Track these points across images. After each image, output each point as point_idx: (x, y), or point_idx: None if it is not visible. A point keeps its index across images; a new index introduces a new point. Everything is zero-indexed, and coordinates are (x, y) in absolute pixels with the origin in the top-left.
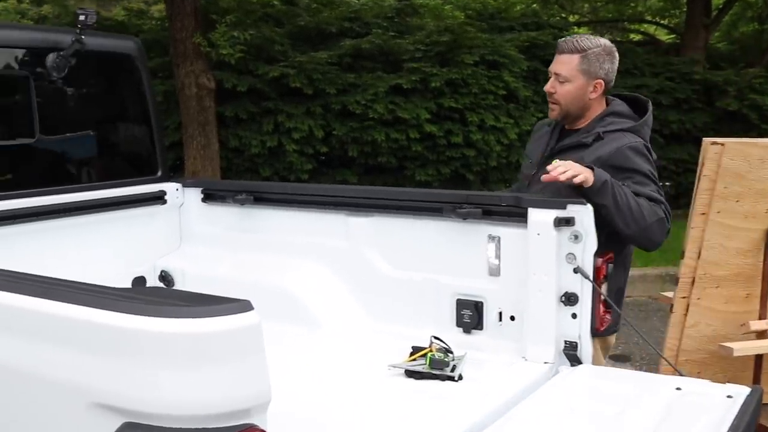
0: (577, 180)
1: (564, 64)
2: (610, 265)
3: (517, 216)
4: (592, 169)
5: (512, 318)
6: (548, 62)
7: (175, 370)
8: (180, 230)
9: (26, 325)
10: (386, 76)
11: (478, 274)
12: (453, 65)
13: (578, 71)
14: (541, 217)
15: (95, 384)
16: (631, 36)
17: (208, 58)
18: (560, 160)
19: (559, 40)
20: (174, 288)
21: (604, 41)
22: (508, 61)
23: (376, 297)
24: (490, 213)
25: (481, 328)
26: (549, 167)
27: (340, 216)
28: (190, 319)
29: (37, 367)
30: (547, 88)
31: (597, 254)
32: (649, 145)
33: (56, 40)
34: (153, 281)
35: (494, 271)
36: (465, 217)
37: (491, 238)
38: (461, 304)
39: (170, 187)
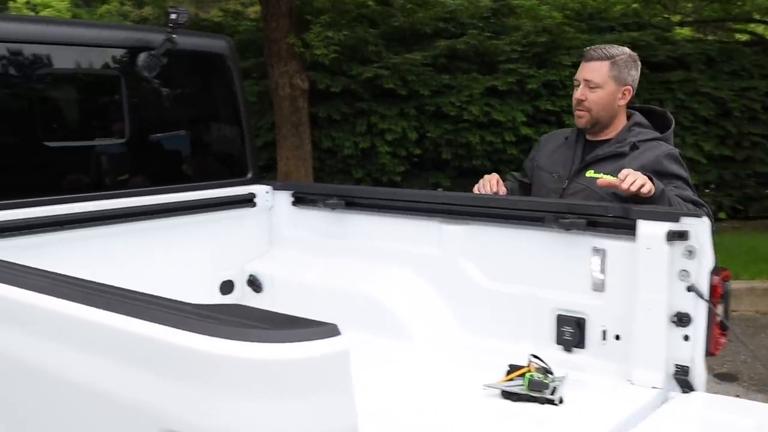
0: (644, 190)
1: (595, 71)
2: (727, 284)
3: (625, 228)
4: (650, 178)
5: (617, 337)
6: (650, 64)
7: (251, 399)
8: (270, 234)
9: (97, 341)
10: (481, 77)
11: (581, 289)
12: (550, 66)
13: (609, 77)
14: (651, 230)
15: (168, 409)
16: (738, 36)
17: (302, 58)
18: (595, 171)
19: (585, 48)
20: (262, 292)
21: (628, 49)
22: None
23: (471, 310)
24: (595, 224)
25: (583, 347)
26: (620, 175)
27: (434, 223)
28: (271, 344)
29: (107, 385)
30: (578, 96)
31: (713, 271)
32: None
33: (147, 40)
34: (241, 285)
35: (598, 287)
36: (568, 227)
37: (596, 250)
38: (562, 321)
39: (260, 190)
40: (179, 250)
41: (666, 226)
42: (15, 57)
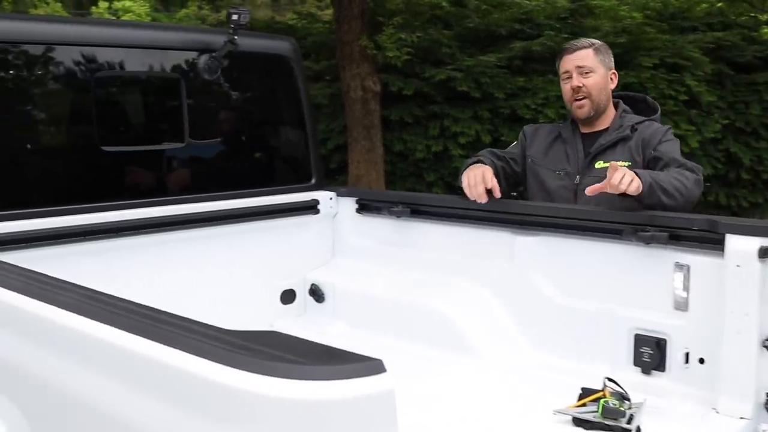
0: (632, 188)
1: (584, 58)
2: None
3: (712, 242)
4: (636, 173)
5: (701, 361)
6: (736, 65)
7: None
8: (333, 242)
9: (115, 363)
10: (558, 79)
11: (662, 308)
12: (630, 68)
13: (598, 62)
14: (742, 246)
15: None
16: None
17: (374, 60)
18: (604, 161)
19: (563, 48)
20: (324, 302)
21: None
22: (690, 63)
23: (542, 327)
24: (678, 237)
25: (663, 370)
26: (609, 171)
27: (505, 234)
28: (304, 381)
29: (117, 408)
30: (574, 84)
31: None
32: None
33: (208, 41)
34: (303, 295)
35: (681, 305)
36: (648, 241)
37: (679, 266)
38: (640, 341)
39: (324, 196)
40: (239, 257)
41: (758, 242)
42: (73, 59)
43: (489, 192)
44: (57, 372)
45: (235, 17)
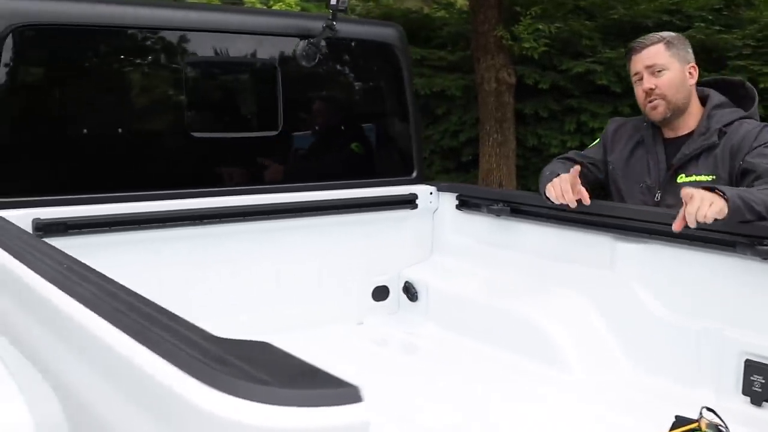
0: (718, 215)
1: (653, 56)
2: None
3: None
4: (720, 192)
5: None
6: None
7: None
8: (432, 239)
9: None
10: (706, 74)
11: None
12: None
13: (671, 57)
14: None
15: None
16: None
17: (509, 52)
18: (686, 174)
19: (630, 45)
20: (417, 301)
21: (670, 32)
22: None
23: (642, 343)
24: None
25: None
26: (687, 215)
27: (607, 239)
28: (261, 405)
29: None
30: (645, 86)
31: None
32: None
33: (307, 27)
34: (396, 292)
35: None
36: (766, 256)
37: None
38: (751, 368)
39: (423, 191)
40: (331, 251)
41: None
42: (167, 44)
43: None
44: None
45: (333, 2)
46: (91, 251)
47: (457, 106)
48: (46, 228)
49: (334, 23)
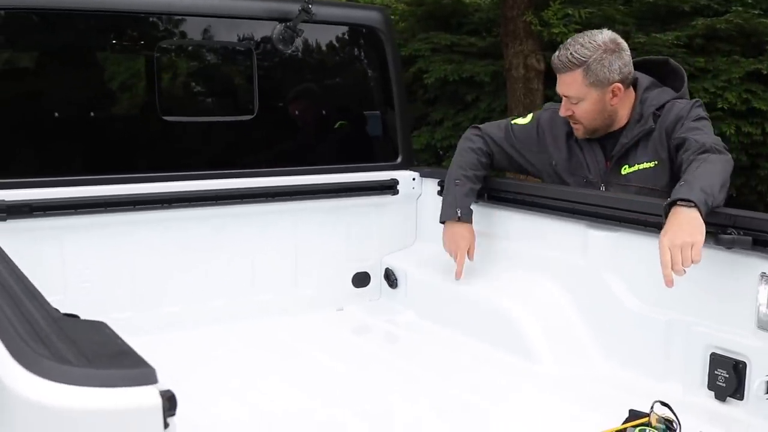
0: (695, 256)
1: (569, 85)
2: None
3: None
4: (684, 201)
5: None
6: None
7: None
8: (416, 225)
9: None
10: (744, 60)
11: (743, 325)
12: None
13: (587, 86)
14: None
15: None
16: None
17: (539, 37)
18: (629, 164)
19: (555, 53)
20: (397, 288)
21: (602, 38)
22: None
23: (611, 333)
24: (765, 244)
25: (741, 398)
26: (665, 271)
27: (580, 227)
28: (52, 383)
29: None
30: (562, 113)
31: None
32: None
33: (284, 11)
34: (378, 279)
35: (765, 325)
36: (729, 245)
37: (765, 278)
38: (716, 362)
39: (405, 176)
40: (310, 236)
41: None
42: (142, 28)
43: None
44: None
45: None
46: (56, 234)
47: (486, 92)
48: (10, 210)
49: (310, 6)
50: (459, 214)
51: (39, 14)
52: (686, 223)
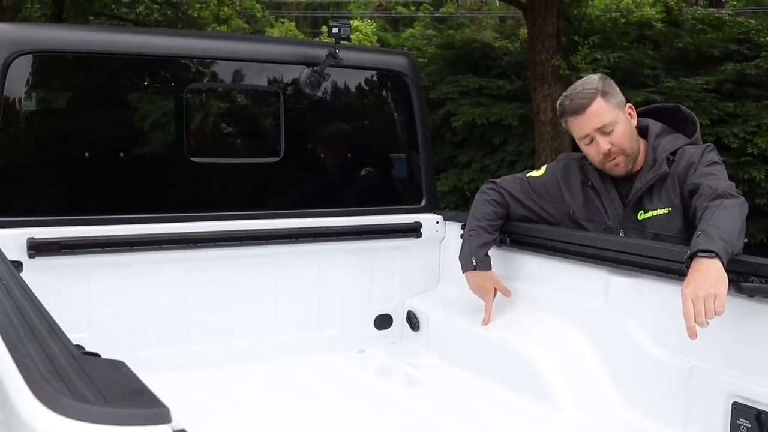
0: (719, 308)
1: (598, 114)
2: None
3: None
4: (706, 252)
5: None
6: None
7: None
8: (438, 268)
9: None
10: None
11: (765, 374)
12: None
13: (614, 109)
14: None
15: None
16: None
17: (567, 81)
18: (645, 210)
19: (563, 103)
20: (419, 332)
21: (591, 76)
22: None
23: (632, 380)
24: None
25: None
26: (688, 324)
27: (601, 272)
28: (68, 420)
29: None
30: (604, 149)
31: None
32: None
33: (311, 55)
34: (400, 321)
35: None
36: (751, 294)
37: None
38: (738, 411)
39: (429, 219)
40: (334, 277)
41: None
42: (172, 70)
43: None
44: None
45: (335, 30)
46: (83, 272)
47: (514, 135)
48: (39, 247)
49: (337, 51)
50: (474, 263)
51: (71, 57)
52: (709, 275)
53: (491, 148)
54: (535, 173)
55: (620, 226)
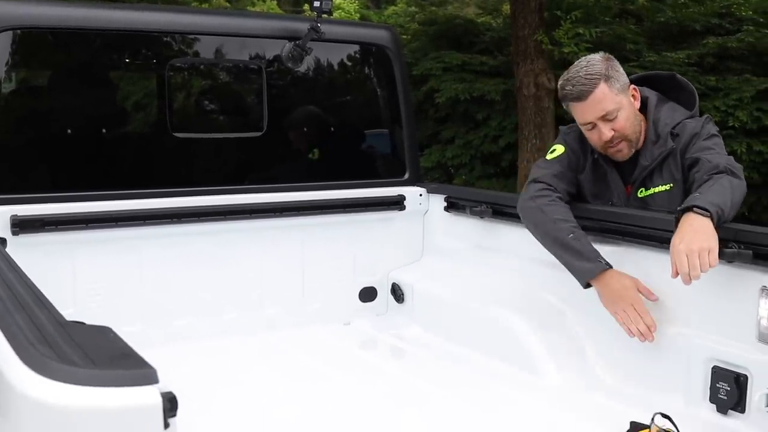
0: (714, 261)
1: (602, 101)
2: None
3: None
4: (699, 209)
5: None
6: None
7: None
8: (423, 241)
9: None
10: (755, 79)
11: (744, 339)
12: None
13: (618, 94)
14: None
15: None
16: None
17: (549, 56)
18: (645, 188)
19: (564, 87)
20: (404, 303)
21: (595, 55)
22: None
23: (614, 348)
24: (766, 257)
25: (742, 411)
26: (681, 270)
27: None
28: (52, 381)
29: None
30: (606, 137)
31: None
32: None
33: (293, 29)
34: (384, 294)
35: (766, 338)
36: (731, 259)
37: (765, 291)
38: (718, 375)
39: (412, 192)
40: (318, 251)
41: None
42: (154, 46)
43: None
44: None
45: (317, 4)
46: (68, 248)
47: (497, 111)
48: (22, 224)
49: (320, 25)
50: (604, 261)
51: (55, 33)
52: (701, 230)
53: (474, 123)
54: (552, 155)
55: (624, 204)
